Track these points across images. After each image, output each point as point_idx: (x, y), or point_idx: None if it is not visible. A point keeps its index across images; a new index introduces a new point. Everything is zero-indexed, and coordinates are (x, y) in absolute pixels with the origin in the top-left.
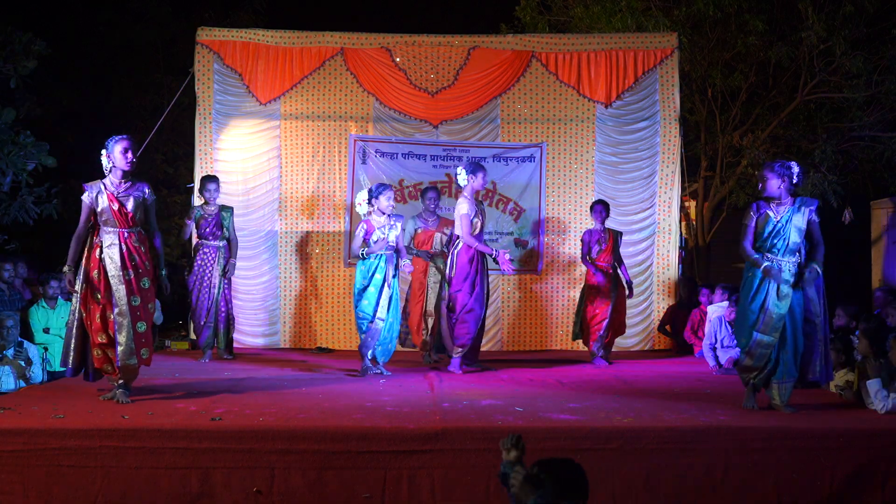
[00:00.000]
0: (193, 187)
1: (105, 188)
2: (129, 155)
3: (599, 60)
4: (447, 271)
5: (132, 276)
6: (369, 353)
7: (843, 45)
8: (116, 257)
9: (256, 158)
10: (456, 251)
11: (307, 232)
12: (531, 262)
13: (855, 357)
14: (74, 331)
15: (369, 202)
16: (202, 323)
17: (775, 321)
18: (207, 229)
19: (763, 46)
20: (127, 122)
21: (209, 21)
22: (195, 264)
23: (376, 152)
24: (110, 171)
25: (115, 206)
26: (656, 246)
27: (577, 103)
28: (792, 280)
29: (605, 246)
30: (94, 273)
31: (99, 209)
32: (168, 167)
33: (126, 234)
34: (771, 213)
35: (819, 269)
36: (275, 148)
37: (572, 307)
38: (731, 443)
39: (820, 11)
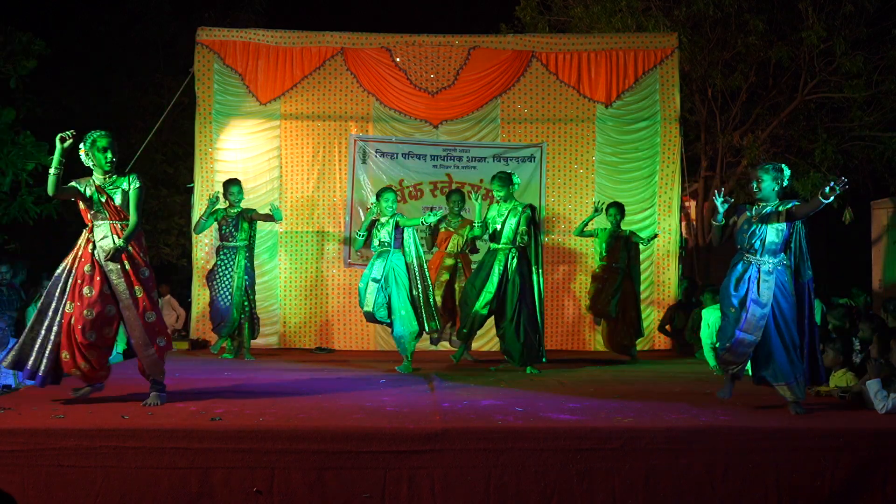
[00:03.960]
0: (193, 187)
1: (94, 182)
2: (109, 154)
3: (599, 60)
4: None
5: (129, 268)
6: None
7: (843, 45)
8: (110, 249)
9: (256, 158)
10: None
11: (307, 232)
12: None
13: (855, 358)
14: (45, 332)
15: (376, 205)
16: (218, 323)
17: (757, 319)
18: (227, 231)
19: (763, 46)
20: (127, 122)
21: (209, 21)
22: (215, 265)
23: (376, 152)
24: (93, 168)
25: (104, 198)
26: (656, 246)
27: (577, 103)
28: (773, 279)
29: None
30: (87, 268)
31: (87, 203)
32: (168, 167)
33: (119, 226)
34: (748, 213)
35: (808, 273)
36: (275, 148)
37: (573, 307)
38: (731, 443)
39: (820, 11)
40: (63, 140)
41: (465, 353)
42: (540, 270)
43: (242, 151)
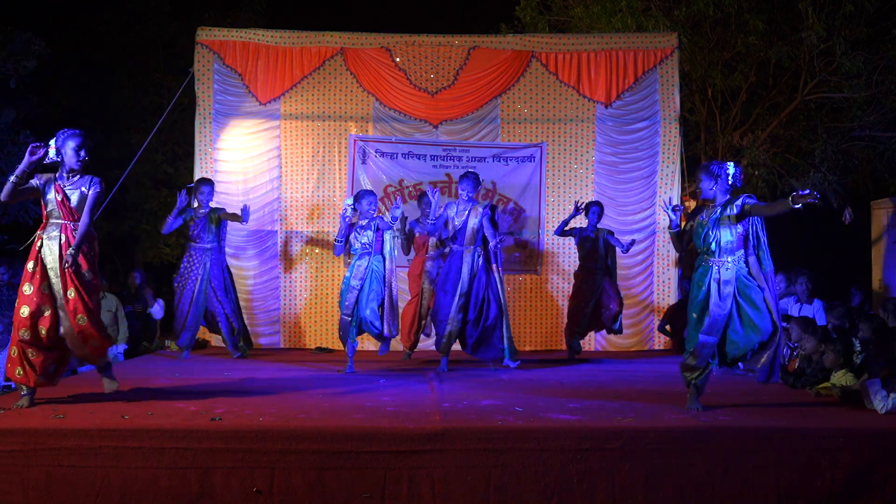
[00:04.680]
0: (193, 187)
1: (55, 179)
2: (82, 153)
3: (599, 60)
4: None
5: (69, 269)
6: (351, 348)
7: (843, 45)
8: (56, 249)
9: (256, 158)
10: None
11: (307, 232)
12: (531, 262)
13: (855, 358)
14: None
15: (353, 207)
16: (181, 325)
17: (718, 322)
18: (195, 231)
19: (763, 46)
20: (127, 122)
21: (209, 21)
22: (182, 265)
23: (376, 152)
24: (60, 166)
25: (59, 197)
26: (656, 246)
27: (577, 103)
28: (732, 280)
29: None
30: (30, 265)
31: (45, 199)
32: (168, 167)
33: (72, 227)
34: (702, 216)
35: (768, 265)
36: (275, 148)
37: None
38: (731, 443)
39: (820, 11)
40: (33, 153)
41: (447, 361)
42: (500, 268)
43: (242, 151)
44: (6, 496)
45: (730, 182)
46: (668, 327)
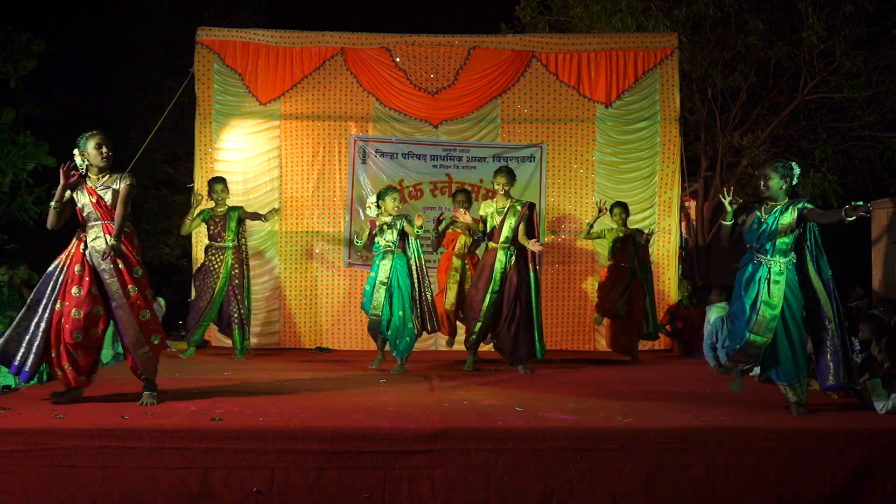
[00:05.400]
0: (193, 187)
1: (85, 183)
2: (104, 150)
3: (599, 60)
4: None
5: (122, 267)
6: (382, 343)
7: (843, 45)
8: (102, 249)
9: (256, 158)
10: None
11: (307, 232)
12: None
13: (855, 358)
14: (33, 328)
15: (377, 205)
16: (196, 322)
17: (768, 321)
18: (215, 230)
19: (763, 46)
20: (127, 122)
21: (209, 21)
22: (203, 264)
23: (376, 152)
24: (87, 169)
25: (94, 199)
26: (656, 246)
27: (577, 103)
28: (783, 279)
29: None
30: (77, 268)
31: (80, 205)
32: (168, 167)
33: (112, 225)
34: (759, 213)
35: (828, 271)
36: (275, 148)
37: (573, 307)
38: (731, 443)
39: (820, 11)
40: (68, 176)
41: (474, 360)
42: (538, 268)
43: (242, 151)
44: (6, 496)
45: (794, 183)
46: (668, 327)
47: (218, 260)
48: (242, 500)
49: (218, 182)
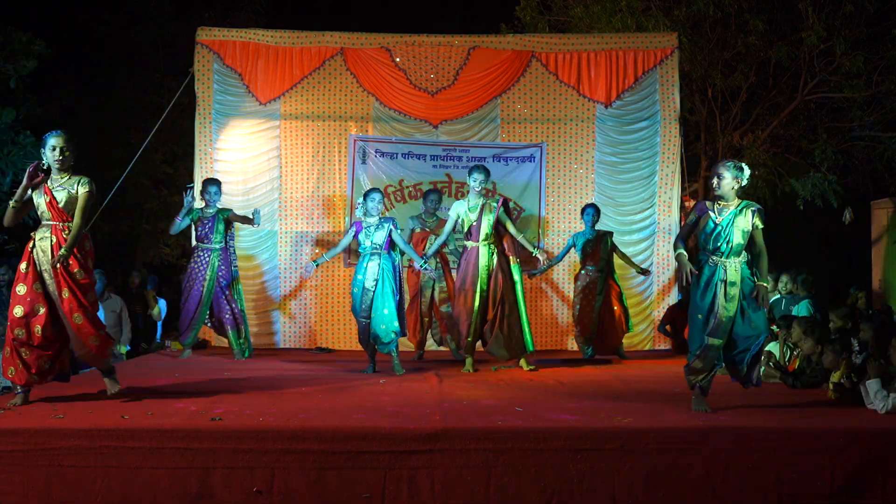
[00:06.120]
0: (193, 187)
1: (46, 182)
2: (59, 152)
3: (599, 60)
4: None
5: (62, 270)
6: (372, 351)
7: (843, 45)
8: (48, 250)
9: (256, 158)
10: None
11: (307, 232)
12: (530, 262)
13: (855, 358)
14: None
15: (363, 205)
16: (186, 324)
17: (724, 324)
18: (203, 232)
19: (763, 46)
20: (127, 122)
21: (209, 21)
22: (189, 266)
23: (376, 152)
24: (49, 168)
25: (48, 199)
26: (656, 246)
27: (577, 103)
28: (738, 282)
29: None
30: (23, 266)
31: (35, 204)
32: (168, 167)
33: (61, 227)
34: (712, 214)
35: (766, 286)
36: (275, 148)
37: (567, 309)
38: (731, 443)
39: (820, 11)
40: (33, 177)
41: (473, 361)
42: (518, 262)
43: (242, 151)
44: (6, 496)
45: (743, 184)
46: (668, 327)
47: (204, 261)
48: (242, 500)
49: (213, 184)
